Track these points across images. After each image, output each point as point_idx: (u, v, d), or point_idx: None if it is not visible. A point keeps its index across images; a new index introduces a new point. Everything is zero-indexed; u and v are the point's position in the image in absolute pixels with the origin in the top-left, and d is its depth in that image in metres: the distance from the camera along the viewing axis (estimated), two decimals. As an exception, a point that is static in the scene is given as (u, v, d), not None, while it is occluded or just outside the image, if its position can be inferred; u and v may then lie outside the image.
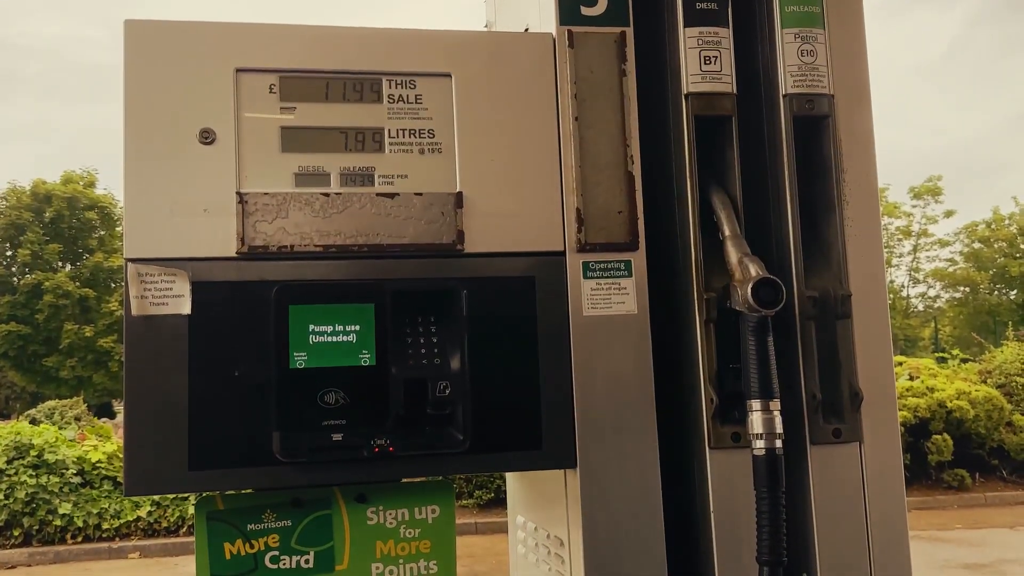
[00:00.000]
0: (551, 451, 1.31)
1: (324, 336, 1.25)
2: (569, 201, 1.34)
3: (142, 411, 1.20)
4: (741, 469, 1.29)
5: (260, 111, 1.29)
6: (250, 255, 1.25)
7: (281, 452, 1.22)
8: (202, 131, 1.26)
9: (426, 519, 1.37)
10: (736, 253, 1.31)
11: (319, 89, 1.31)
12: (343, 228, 1.28)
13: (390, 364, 1.26)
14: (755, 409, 1.24)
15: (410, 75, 1.33)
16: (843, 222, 1.37)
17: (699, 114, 1.36)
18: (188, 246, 1.23)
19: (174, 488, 1.23)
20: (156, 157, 1.24)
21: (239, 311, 1.24)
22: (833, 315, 1.35)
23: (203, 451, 1.21)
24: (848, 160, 1.38)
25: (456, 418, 1.28)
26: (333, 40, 1.32)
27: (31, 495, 9.43)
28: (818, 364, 1.35)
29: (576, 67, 1.35)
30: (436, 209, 1.30)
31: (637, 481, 1.32)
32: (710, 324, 1.33)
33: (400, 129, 1.32)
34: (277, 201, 1.26)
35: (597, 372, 1.32)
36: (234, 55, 1.28)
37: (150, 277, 1.22)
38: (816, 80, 1.37)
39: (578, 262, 1.33)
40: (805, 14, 1.39)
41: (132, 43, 1.27)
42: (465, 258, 1.31)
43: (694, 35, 1.37)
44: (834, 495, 1.32)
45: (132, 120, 1.25)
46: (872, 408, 1.34)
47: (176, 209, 1.24)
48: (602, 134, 1.35)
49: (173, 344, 1.21)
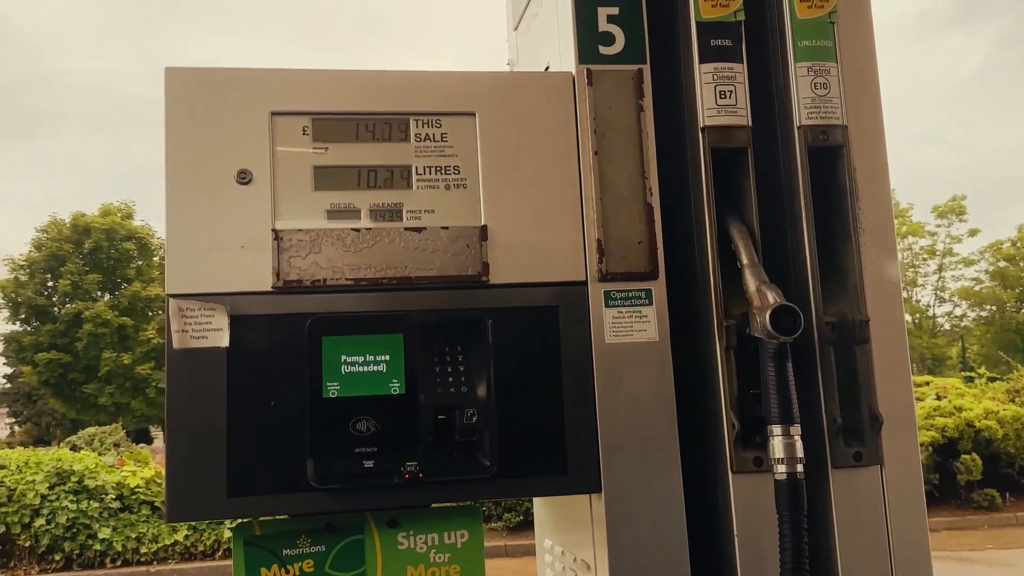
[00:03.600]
0: (576, 476, 1.34)
1: (356, 366, 1.30)
2: (590, 232, 1.38)
3: (183, 441, 1.26)
4: (764, 493, 1.31)
5: (294, 151, 1.35)
6: (285, 289, 1.30)
7: (315, 479, 1.26)
8: (239, 172, 1.32)
9: (455, 544, 1.41)
10: (754, 281, 1.34)
11: (350, 130, 1.37)
12: (373, 262, 1.33)
13: (419, 392, 1.31)
14: (776, 434, 1.27)
15: (436, 115, 1.39)
16: (859, 249, 1.39)
17: (715, 146, 1.40)
18: (226, 281, 1.29)
19: (214, 514, 1.28)
20: (196, 197, 1.31)
21: (275, 343, 1.29)
22: (851, 340, 1.38)
23: (241, 478, 1.26)
24: (863, 188, 1.41)
25: (483, 444, 1.32)
26: (363, 83, 1.38)
27: (72, 520, 9.59)
28: (838, 389, 1.37)
29: (595, 104, 1.40)
30: (462, 242, 1.35)
31: (661, 505, 1.34)
32: (730, 351, 1.36)
33: (427, 166, 1.38)
34: (310, 237, 1.32)
35: (620, 398, 1.35)
36: (269, 99, 1.35)
37: (190, 312, 1.28)
38: (830, 111, 1.41)
39: (600, 291, 1.37)
40: (818, 48, 1.43)
41: (172, 89, 1.33)
42: (490, 289, 1.36)
43: (709, 71, 1.41)
44: (856, 518, 1.34)
45: (173, 162, 1.31)
46: (892, 431, 1.36)
47: (215, 246, 1.30)
48: (621, 167, 1.39)
49: (212, 376, 1.27)
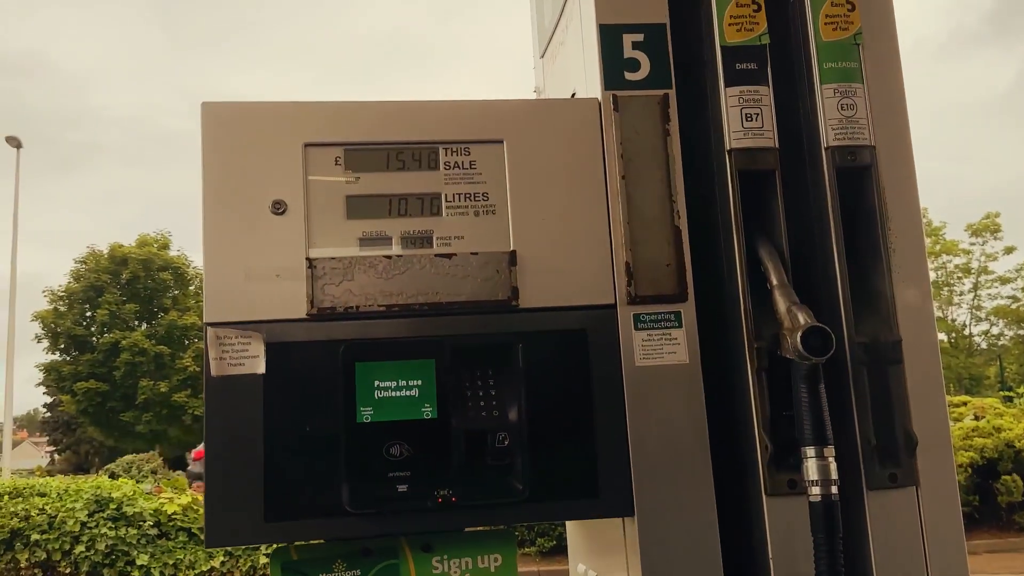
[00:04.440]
0: (608, 499, 1.34)
1: (388, 391, 1.32)
2: (619, 256, 1.39)
3: (221, 467, 1.28)
4: (798, 516, 1.30)
5: (327, 181, 1.38)
6: (319, 316, 1.33)
7: (350, 503, 1.28)
8: (274, 202, 1.35)
9: (489, 568, 1.41)
10: (784, 302, 1.34)
11: (381, 159, 1.40)
12: (404, 288, 1.35)
13: (451, 417, 1.32)
14: (810, 456, 1.26)
15: (465, 143, 1.41)
16: (890, 268, 1.39)
17: (743, 168, 1.41)
18: (262, 309, 1.32)
19: (252, 539, 1.30)
20: (232, 228, 1.34)
21: (309, 369, 1.32)
22: (884, 360, 1.37)
23: (278, 503, 1.28)
24: (893, 207, 1.41)
25: (515, 468, 1.32)
26: (393, 114, 1.41)
27: (111, 547, 9.68)
28: (871, 409, 1.36)
29: (622, 129, 1.41)
30: (491, 267, 1.37)
31: (695, 528, 1.34)
32: (762, 372, 1.36)
33: (456, 193, 1.40)
34: (343, 265, 1.34)
35: (651, 421, 1.35)
36: (302, 131, 1.38)
37: (228, 340, 1.31)
38: (857, 132, 1.41)
39: (629, 314, 1.38)
40: (843, 69, 1.43)
41: (208, 123, 1.37)
42: (520, 313, 1.37)
43: (735, 94, 1.42)
44: (892, 540, 1.33)
45: (210, 194, 1.35)
46: (928, 452, 1.34)
47: (251, 275, 1.33)
48: (648, 191, 1.40)
49: (249, 402, 1.29)
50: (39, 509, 9.72)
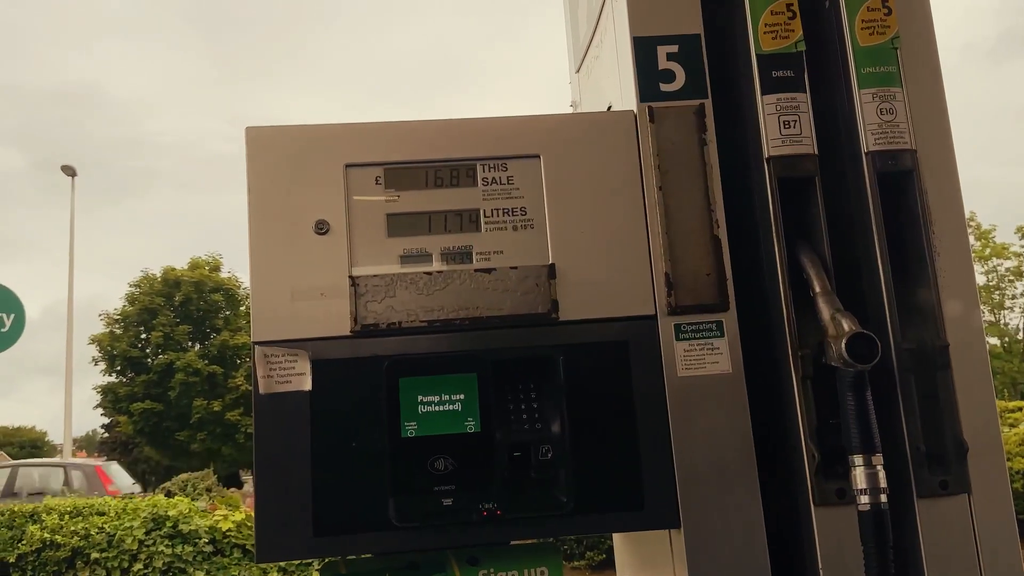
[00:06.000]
0: (653, 511, 1.34)
1: (432, 406, 1.34)
2: (658, 266, 1.39)
3: (270, 483, 1.31)
4: (847, 525, 1.28)
5: (368, 201, 1.41)
6: (362, 333, 1.35)
7: (396, 517, 1.30)
8: (317, 223, 1.38)
9: (536, 580, 1.42)
10: (828, 309, 1.32)
11: (420, 178, 1.42)
12: (445, 303, 1.37)
13: (494, 430, 1.33)
14: (858, 464, 1.24)
15: (502, 159, 1.43)
16: (935, 273, 1.37)
17: (782, 176, 1.40)
18: (308, 328, 1.35)
19: (301, 554, 1.32)
20: (277, 249, 1.37)
21: (354, 385, 1.34)
22: (932, 366, 1.35)
23: (326, 518, 1.30)
24: (936, 211, 1.39)
25: (559, 481, 1.33)
26: (431, 133, 1.44)
27: (168, 564, 9.86)
28: (920, 416, 1.34)
29: (658, 140, 1.42)
30: (531, 281, 1.38)
31: (743, 540, 1.33)
32: (807, 380, 1.35)
33: (494, 209, 1.42)
34: (385, 282, 1.37)
35: (696, 432, 1.35)
36: (343, 153, 1.41)
37: (275, 358, 1.33)
38: (897, 136, 1.40)
39: (670, 325, 1.38)
40: (882, 74, 1.42)
41: (252, 147, 1.41)
42: (560, 326, 1.38)
43: (772, 101, 1.42)
44: (944, 548, 1.30)
45: (255, 216, 1.38)
46: (979, 458, 1.31)
47: (296, 295, 1.36)
48: (686, 201, 1.40)
49: (297, 419, 1.32)
50: (98, 528, 9.95)
